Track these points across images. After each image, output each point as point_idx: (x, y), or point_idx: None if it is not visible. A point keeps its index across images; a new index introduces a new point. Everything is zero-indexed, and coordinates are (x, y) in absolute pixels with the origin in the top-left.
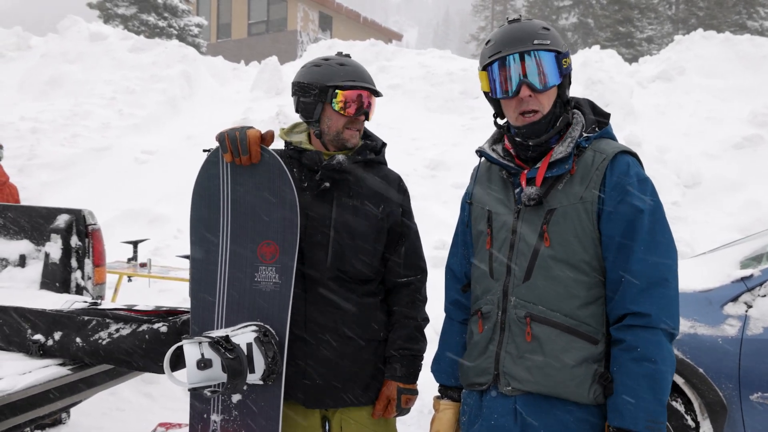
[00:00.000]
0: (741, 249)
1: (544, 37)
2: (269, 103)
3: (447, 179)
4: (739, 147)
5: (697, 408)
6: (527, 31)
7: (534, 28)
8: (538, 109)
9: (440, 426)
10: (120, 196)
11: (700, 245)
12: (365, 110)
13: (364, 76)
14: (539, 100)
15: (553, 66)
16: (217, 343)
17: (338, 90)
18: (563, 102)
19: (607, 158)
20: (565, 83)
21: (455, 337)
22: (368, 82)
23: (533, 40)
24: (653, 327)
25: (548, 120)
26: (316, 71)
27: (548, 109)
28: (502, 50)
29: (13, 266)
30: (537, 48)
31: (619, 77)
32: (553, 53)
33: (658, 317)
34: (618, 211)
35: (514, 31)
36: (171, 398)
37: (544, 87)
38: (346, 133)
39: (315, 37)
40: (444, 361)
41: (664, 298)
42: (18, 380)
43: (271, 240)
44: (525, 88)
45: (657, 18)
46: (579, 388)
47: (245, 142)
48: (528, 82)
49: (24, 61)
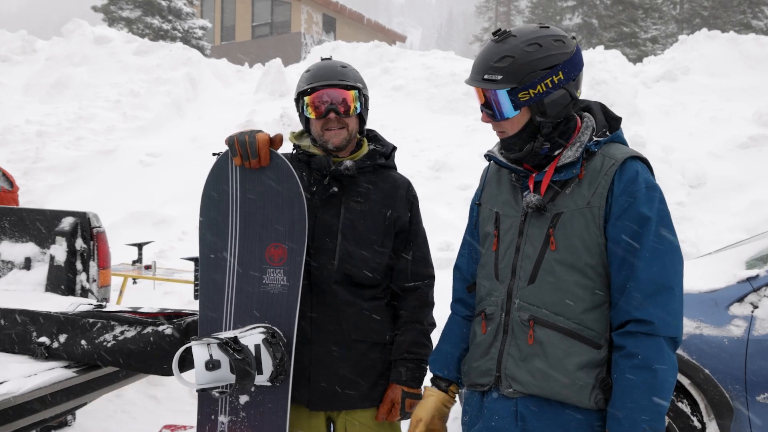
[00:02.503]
0: (746, 249)
1: (497, 71)
2: (273, 105)
3: (451, 180)
4: (744, 147)
5: (703, 409)
6: (485, 62)
7: (490, 59)
8: (503, 131)
9: (421, 412)
10: (125, 198)
11: (706, 245)
12: (332, 107)
13: (325, 74)
14: (501, 126)
15: (505, 101)
16: (226, 344)
17: (305, 96)
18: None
19: (616, 163)
20: (534, 109)
21: (455, 330)
22: (328, 79)
23: (484, 74)
24: (656, 335)
25: (517, 140)
26: (297, 84)
27: (514, 132)
28: (470, 75)
29: (19, 269)
30: (483, 86)
31: (624, 77)
32: (504, 90)
33: (661, 325)
34: (625, 217)
35: (479, 58)
36: (176, 400)
37: (495, 118)
38: (326, 135)
39: (319, 39)
40: (440, 352)
41: (668, 306)
42: (23, 383)
43: (279, 243)
44: (484, 114)
45: (661, 18)
46: (580, 393)
47: (255, 146)
48: (485, 110)
49: (29, 65)
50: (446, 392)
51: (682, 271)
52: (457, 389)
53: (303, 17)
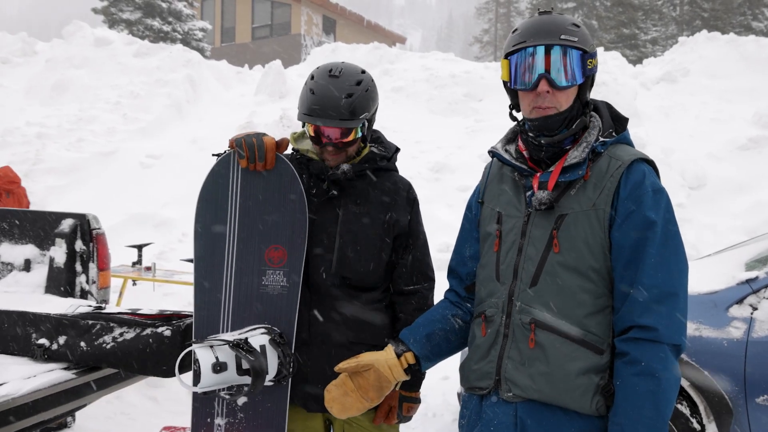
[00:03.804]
0: (746, 251)
1: (573, 33)
2: (273, 106)
3: (451, 182)
4: (744, 148)
5: (703, 411)
6: (556, 24)
7: (564, 23)
8: (554, 106)
9: (363, 355)
10: (125, 200)
11: (705, 247)
12: (330, 143)
13: (327, 109)
14: (556, 98)
15: (578, 64)
16: (238, 346)
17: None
18: (582, 104)
19: (623, 165)
20: (586, 84)
21: (434, 310)
22: (329, 117)
23: (561, 35)
24: (659, 342)
25: (564, 118)
26: (301, 92)
27: (565, 107)
28: (527, 40)
29: (18, 270)
30: (563, 43)
31: (623, 79)
32: (580, 51)
33: (665, 332)
34: (630, 220)
35: (543, 23)
36: (176, 402)
37: (564, 85)
38: (325, 155)
39: (319, 40)
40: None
41: (673, 312)
42: (23, 384)
43: (279, 244)
44: (544, 82)
45: (661, 19)
46: (581, 398)
47: (263, 149)
48: (548, 76)
49: (29, 67)
50: (399, 357)
51: (687, 277)
52: (414, 360)
53: (303, 19)
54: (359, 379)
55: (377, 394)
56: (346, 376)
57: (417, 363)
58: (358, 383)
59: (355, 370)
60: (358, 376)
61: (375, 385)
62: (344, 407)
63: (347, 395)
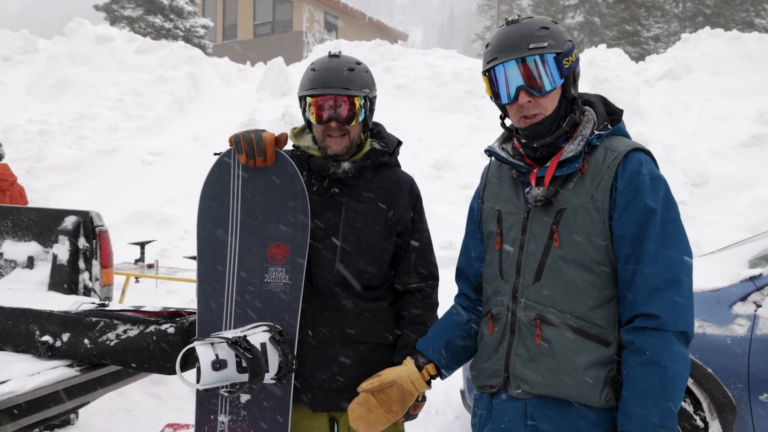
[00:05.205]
0: (750, 248)
1: (542, 38)
2: (275, 103)
3: (453, 179)
4: (746, 145)
5: (706, 408)
6: (523, 35)
7: (531, 30)
8: (540, 112)
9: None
10: (127, 197)
11: (709, 245)
12: (334, 116)
13: (330, 79)
14: (540, 104)
15: (554, 67)
16: (236, 343)
17: (308, 98)
18: (569, 100)
19: (619, 156)
20: (568, 82)
21: (447, 318)
22: (331, 86)
23: (529, 44)
24: (664, 329)
25: (552, 120)
26: (301, 79)
27: (551, 110)
28: (498, 56)
29: (22, 268)
30: (533, 53)
31: (626, 76)
32: (553, 54)
33: (669, 319)
34: (630, 210)
35: (511, 35)
36: (179, 399)
37: (542, 92)
38: (327, 141)
39: (321, 37)
40: (428, 334)
41: (676, 299)
42: (27, 381)
43: (281, 241)
44: (524, 94)
45: (663, 16)
46: (590, 391)
47: (262, 144)
48: (526, 88)
49: (31, 64)
50: (421, 370)
51: (691, 262)
52: (435, 371)
53: (305, 16)
54: (381, 395)
55: (401, 407)
56: (368, 393)
57: (438, 372)
58: (381, 399)
59: (379, 389)
60: (381, 392)
61: (398, 400)
62: (370, 424)
63: (371, 412)
